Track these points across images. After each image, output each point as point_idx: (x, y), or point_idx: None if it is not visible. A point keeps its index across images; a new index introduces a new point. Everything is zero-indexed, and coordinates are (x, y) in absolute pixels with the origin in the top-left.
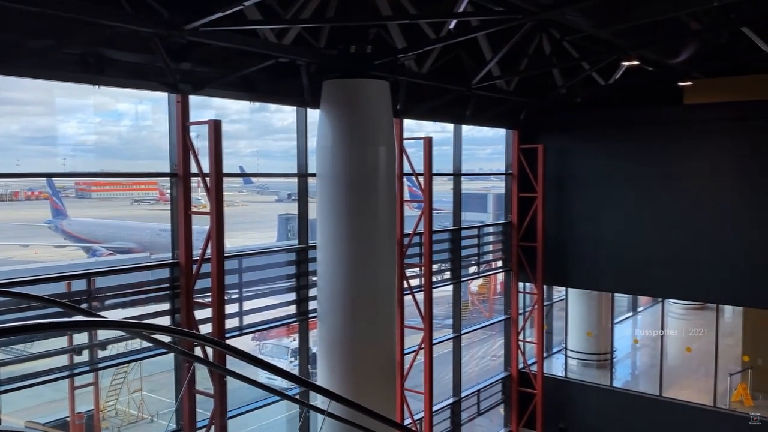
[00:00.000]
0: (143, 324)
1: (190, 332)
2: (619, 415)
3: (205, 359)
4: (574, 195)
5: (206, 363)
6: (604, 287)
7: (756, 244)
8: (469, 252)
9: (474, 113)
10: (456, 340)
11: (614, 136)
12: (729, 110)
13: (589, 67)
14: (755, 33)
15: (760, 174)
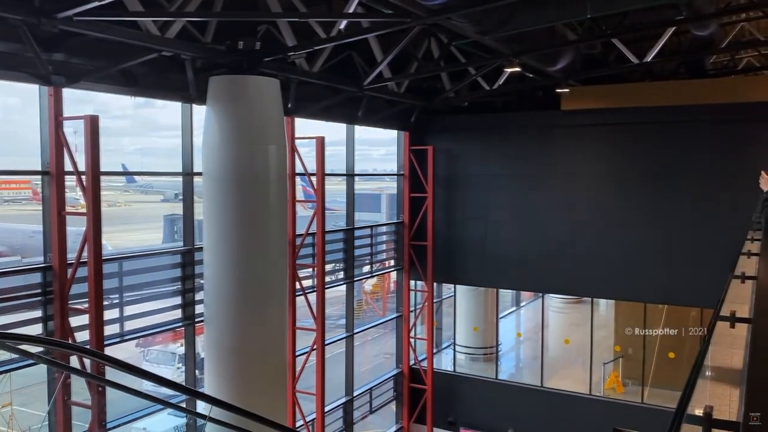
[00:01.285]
0: (5, 334)
1: (59, 341)
2: (504, 406)
3: (80, 369)
4: (462, 195)
5: (80, 373)
6: (490, 284)
7: (627, 241)
8: (362, 252)
9: (366, 114)
10: (349, 340)
11: (499, 139)
12: (602, 116)
13: (474, 72)
14: (624, 45)
15: (630, 176)
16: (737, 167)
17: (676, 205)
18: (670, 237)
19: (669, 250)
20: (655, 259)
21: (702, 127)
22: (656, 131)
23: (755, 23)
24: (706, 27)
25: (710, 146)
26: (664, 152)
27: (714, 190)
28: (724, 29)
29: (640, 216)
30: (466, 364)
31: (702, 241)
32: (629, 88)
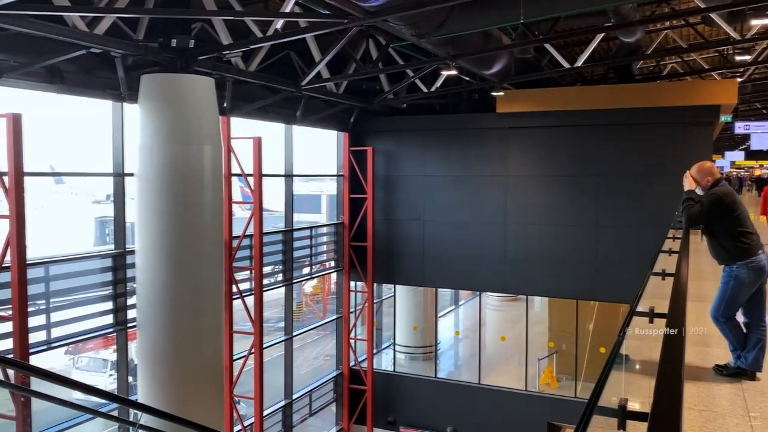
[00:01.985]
0: None
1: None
2: (443, 404)
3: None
4: (402, 196)
5: (2, 384)
6: (429, 283)
7: (559, 240)
8: (301, 253)
9: (304, 114)
10: (288, 343)
11: (437, 140)
12: (535, 119)
13: (412, 74)
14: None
15: (562, 177)
16: (662, 168)
17: (604, 205)
18: (600, 236)
19: (598, 249)
20: (585, 258)
21: (629, 130)
22: (586, 134)
23: (678, 31)
24: (632, 34)
25: (637, 148)
26: (593, 154)
27: (640, 191)
28: (650, 36)
29: (572, 216)
30: (406, 364)
31: (629, 239)
32: (561, 91)
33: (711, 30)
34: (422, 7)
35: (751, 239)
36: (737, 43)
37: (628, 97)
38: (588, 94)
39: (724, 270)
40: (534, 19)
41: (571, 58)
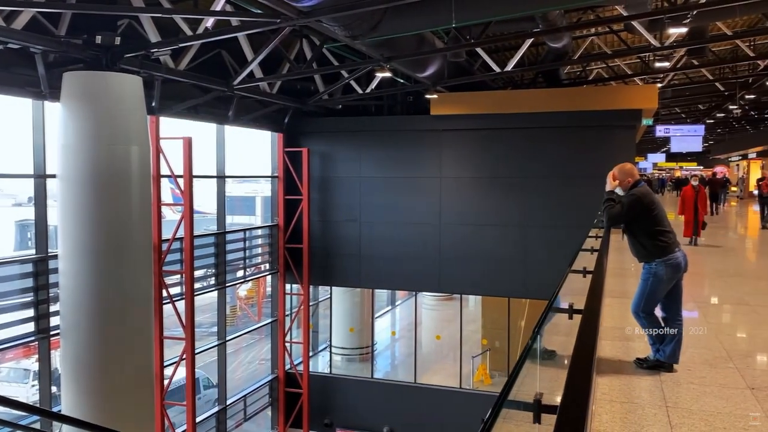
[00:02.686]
0: None
1: None
2: (379, 405)
3: None
4: (338, 197)
5: None
6: (366, 284)
7: (492, 240)
8: (235, 256)
9: (237, 114)
10: (221, 348)
11: (372, 141)
12: (468, 121)
13: (347, 75)
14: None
15: (495, 178)
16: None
17: (534, 205)
18: (529, 235)
19: (528, 248)
20: (516, 257)
21: (557, 133)
22: (517, 136)
23: (603, 38)
24: (559, 40)
25: (565, 150)
26: (524, 156)
27: (568, 191)
28: (576, 42)
29: (503, 216)
30: (343, 366)
31: (557, 238)
32: (493, 95)
33: (633, 37)
34: (355, 8)
35: (669, 237)
36: (657, 50)
37: (556, 100)
38: (518, 97)
39: (643, 267)
40: (465, 24)
41: (501, 62)
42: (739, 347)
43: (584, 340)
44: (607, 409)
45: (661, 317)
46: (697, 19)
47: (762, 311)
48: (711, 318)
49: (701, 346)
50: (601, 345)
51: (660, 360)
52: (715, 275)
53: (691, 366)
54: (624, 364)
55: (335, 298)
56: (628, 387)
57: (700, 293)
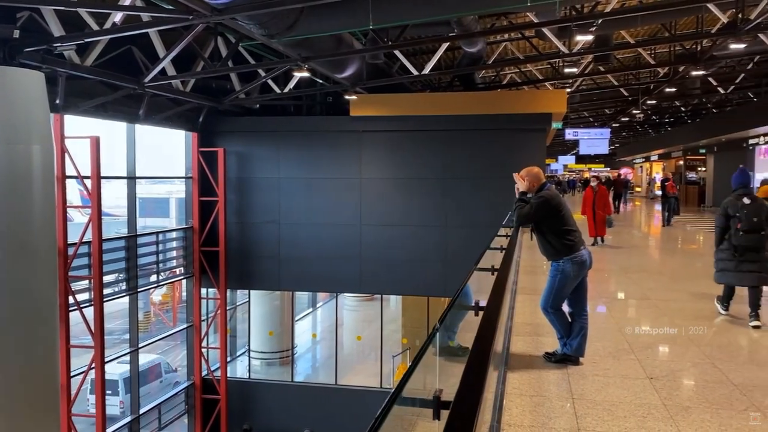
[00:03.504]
0: None
1: None
2: (300, 408)
3: None
4: (256, 199)
5: None
6: (285, 287)
7: (411, 240)
8: (148, 260)
9: (148, 113)
10: (133, 355)
11: (292, 142)
12: (387, 123)
13: (264, 74)
14: (405, 57)
15: (414, 179)
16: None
17: (452, 206)
18: (448, 235)
19: (447, 248)
20: (435, 256)
21: (473, 135)
22: (435, 138)
23: (516, 44)
24: (474, 44)
25: (480, 152)
26: (442, 158)
27: (483, 192)
28: (491, 48)
29: (422, 217)
30: (262, 370)
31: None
32: (411, 97)
33: (544, 44)
34: (270, 7)
35: (575, 236)
36: (566, 57)
37: (472, 104)
38: (436, 100)
39: (551, 265)
40: (382, 26)
41: (419, 65)
42: (641, 340)
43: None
44: (517, 403)
45: (568, 312)
46: (603, 27)
47: (662, 305)
48: (616, 312)
49: (606, 339)
50: (513, 341)
51: (567, 354)
52: (621, 272)
53: (596, 359)
54: (534, 358)
55: (254, 301)
56: (538, 380)
57: (606, 289)
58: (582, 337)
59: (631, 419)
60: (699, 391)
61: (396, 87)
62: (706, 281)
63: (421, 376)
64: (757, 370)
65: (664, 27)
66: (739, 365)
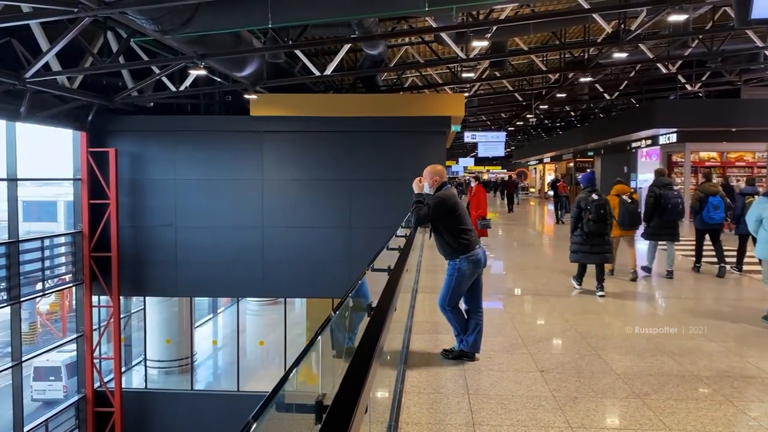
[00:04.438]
0: None
1: None
2: (201, 417)
3: None
4: (151, 201)
5: None
6: (184, 293)
7: (315, 242)
8: (32, 267)
9: (30, 110)
10: (16, 370)
11: (189, 142)
12: (289, 123)
13: (159, 71)
14: (307, 57)
15: (318, 180)
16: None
17: (356, 207)
18: (353, 236)
19: (352, 249)
20: (340, 258)
21: (376, 137)
22: (339, 139)
23: (417, 48)
24: (375, 47)
25: (383, 154)
26: (345, 159)
27: (387, 193)
28: (393, 51)
29: (326, 218)
30: (160, 379)
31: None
32: (315, 98)
33: (443, 48)
34: (163, 2)
35: (471, 236)
36: (464, 62)
37: (374, 106)
38: (339, 101)
39: (449, 264)
40: (282, 25)
41: (322, 66)
42: (533, 334)
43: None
44: (415, 401)
45: (465, 309)
46: (498, 34)
47: (553, 300)
48: (510, 308)
49: (501, 334)
50: (413, 339)
51: (464, 350)
52: (517, 269)
53: (492, 354)
54: (432, 356)
55: (150, 308)
56: (435, 378)
57: (502, 286)
58: (478, 333)
59: (522, 412)
60: (585, 381)
61: (298, 87)
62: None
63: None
64: (638, 360)
65: (554, 35)
66: (622, 355)
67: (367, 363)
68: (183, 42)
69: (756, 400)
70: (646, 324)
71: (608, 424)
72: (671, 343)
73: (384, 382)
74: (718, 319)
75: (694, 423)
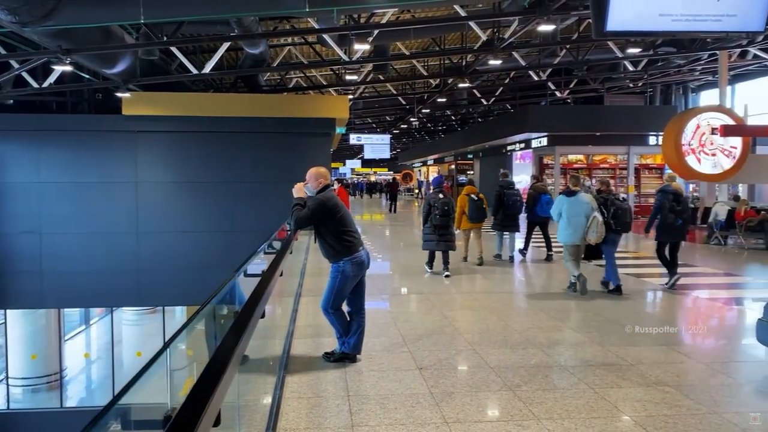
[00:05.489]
0: None
1: None
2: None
3: None
4: (11, 206)
5: None
6: (50, 304)
7: (197, 246)
8: None
9: None
10: None
11: (55, 142)
12: (166, 123)
13: (18, 66)
14: (184, 55)
15: (198, 182)
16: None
17: (238, 210)
18: (235, 240)
19: (236, 253)
20: (221, 262)
21: (259, 138)
22: (220, 140)
23: (300, 48)
24: (256, 46)
25: (267, 156)
26: (227, 160)
27: (270, 196)
28: (275, 51)
29: (208, 222)
30: (25, 398)
31: (258, 243)
32: (194, 97)
33: (327, 50)
34: None
35: (354, 237)
36: (347, 64)
37: (257, 106)
38: (220, 101)
39: (332, 266)
40: (155, 21)
41: (200, 64)
42: (413, 332)
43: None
44: (294, 407)
45: (347, 312)
46: (380, 38)
47: (433, 298)
48: (394, 308)
49: (383, 334)
50: (294, 344)
51: (345, 352)
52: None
53: (373, 354)
54: (314, 359)
55: (12, 322)
56: (316, 381)
57: (388, 286)
58: (359, 334)
59: (401, 410)
60: (462, 376)
61: (176, 86)
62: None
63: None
64: (510, 353)
65: (434, 41)
66: (496, 349)
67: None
68: (45, 35)
69: (615, 386)
70: (518, 317)
71: (481, 417)
72: (541, 336)
73: (262, 390)
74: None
75: (560, 411)
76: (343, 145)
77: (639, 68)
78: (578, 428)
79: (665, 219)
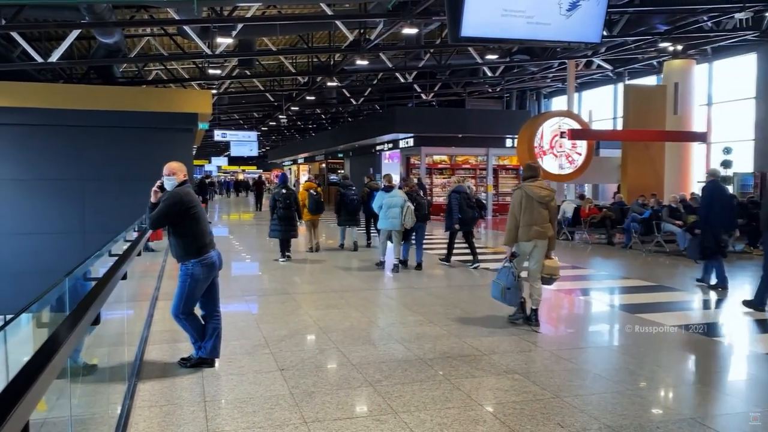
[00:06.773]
0: None
1: None
2: None
3: None
4: None
5: None
6: None
7: (45, 250)
8: None
9: None
10: None
11: None
12: (9, 115)
13: None
14: (28, 42)
15: (46, 180)
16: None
17: (91, 209)
18: (87, 242)
19: (83, 256)
20: (70, 267)
21: (115, 133)
22: (71, 134)
23: (160, 40)
24: (110, 35)
25: (124, 152)
26: (79, 156)
27: (127, 194)
28: (132, 41)
29: (58, 223)
30: None
31: None
32: (40, 87)
33: (189, 43)
34: None
35: (206, 238)
36: (210, 58)
37: (112, 99)
38: (70, 92)
39: (180, 268)
40: None
41: (47, 52)
42: (276, 333)
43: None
44: (145, 416)
45: (201, 315)
46: (244, 32)
47: (299, 298)
48: (259, 309)
49: (244, 337)
50: (148, 350)
51: (202, 357)
52: (266, 269)
53: (232, 357)
54: (169, 366)
55: None
56: (171, 389)
57: (254, 286)
58: (216, 338)
59: (260, 413)
60: (323, 375)
61: (19, 74)
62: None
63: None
64: (372, 349)
65: (302, 38)
66: (359, 346)
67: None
68: None
69: (469, 376)
70: (381, 313)
71: (340, 414)
72: (402, 330)
73: (109, 400)
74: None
75: (416, 404)
76: (207, 141)
77: (497, 74)
78: (434, 419)
79: (463, 213)
